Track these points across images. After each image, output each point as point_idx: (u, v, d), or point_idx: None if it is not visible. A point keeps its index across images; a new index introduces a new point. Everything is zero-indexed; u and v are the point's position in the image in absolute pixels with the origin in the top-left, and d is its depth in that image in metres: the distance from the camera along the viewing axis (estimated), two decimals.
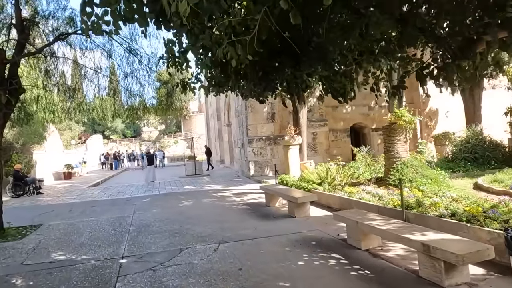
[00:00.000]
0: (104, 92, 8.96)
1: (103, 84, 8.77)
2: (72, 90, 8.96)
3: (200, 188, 12.89)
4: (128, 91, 8.98)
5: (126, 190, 13.90)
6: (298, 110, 10.55)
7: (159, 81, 30.57)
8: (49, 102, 9.08)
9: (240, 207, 8.51)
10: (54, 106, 9.25)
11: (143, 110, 10.41)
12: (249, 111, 15.56)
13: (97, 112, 9.88)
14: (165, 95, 11.47)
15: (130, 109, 9.62)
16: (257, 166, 15.38)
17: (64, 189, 16.47)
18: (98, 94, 8.64)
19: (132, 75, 8.68)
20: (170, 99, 11.90)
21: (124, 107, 9.62)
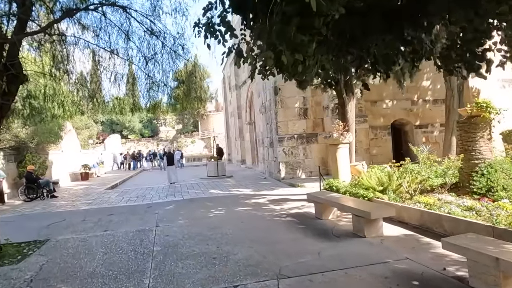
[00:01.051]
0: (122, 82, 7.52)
1: (120, 71, 7.33)
2: (84, 79, 7.57)
3: (228, 193, 11.38)
4: (150, 79, 7.53)
5: (145, 194, 12.53)
6: (345, 102, 8.90)
7: (177, 80, 29.56)
8: (57, 93, 7.73)
9: (285, 220, 6.94)
10: (64, 98, 7.90)
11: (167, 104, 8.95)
12: (279, 107, 13.98)
13: (114, 106, 8.47)
14: (186, 84, 10.01)
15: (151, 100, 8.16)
16: (288, 167, 13.79)
17: (80, 191, 15.27)
18: (114, 84, 7.21)
19: (154, 61, 7.23)
20: (192, 86, 10.42)
21: (145, 98, 8.18)
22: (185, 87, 9.45)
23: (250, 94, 25.20)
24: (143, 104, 8.44)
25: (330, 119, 13.55)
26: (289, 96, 14.05)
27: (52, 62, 6.78)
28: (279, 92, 13.95)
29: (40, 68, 7.09)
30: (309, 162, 13.97)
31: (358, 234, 5.43)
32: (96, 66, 7.52)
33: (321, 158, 14.09)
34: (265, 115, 15.77)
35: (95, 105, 7.91)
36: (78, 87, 7.63)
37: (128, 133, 69.17)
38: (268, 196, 10.05)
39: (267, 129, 15.64)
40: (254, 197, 10.03)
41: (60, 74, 7.00)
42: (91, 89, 7.72)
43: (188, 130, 69.41)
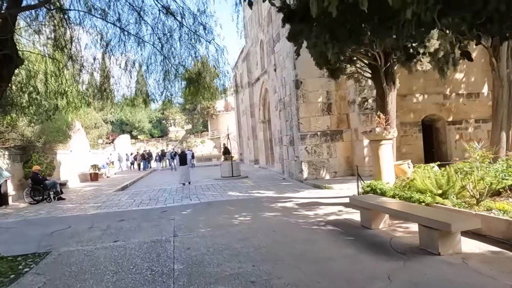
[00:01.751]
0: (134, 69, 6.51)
1: (131, 57, 6.32)
2: (91, 66, 6.59)
3: (249, 196, 10.32)
4: (166, 64, 6.49)
5: (158, 197, 11.54)
6: (385, 93, 7.77)
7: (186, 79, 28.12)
8: (60, 81, 6.74)
9: (325, 229, 5.85)
10: (68, 88, 6.93)
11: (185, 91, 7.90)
12: (301, 102, 12.88)
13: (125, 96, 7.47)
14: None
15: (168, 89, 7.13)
16: (311, 167, 12.68)
17: (89, 193, 14.37)
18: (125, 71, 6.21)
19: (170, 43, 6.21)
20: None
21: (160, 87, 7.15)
22: (205, 74, 8.32)
23: (264, 91, 24.15)
24: (157, 96, 7.37)
25: (357, 115, 12.42)
26: (312, 90, 12.95)
27: (53, 46, 5.80)
28: (301, 86, 12.86)
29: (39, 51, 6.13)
30: (334, 161, 12.84)
31: (428, 250, 4.31)
32: (104, 50, 6.51)
33: (347, 157, 12.95)
34: (284, 111, 14.68)
35: (103, 96, 6.92)
36: (83, 74, 6.65)
37: (137, 133, 68.74)
38: (294, 200, 8.97)
39: (286, 127, 14.55)
40: (279, 201, 8.95)
41: (63, 59, 6.02)
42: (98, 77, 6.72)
43: (197, 130, 68.65)
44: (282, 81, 14.61)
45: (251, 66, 27.23)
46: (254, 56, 25.99)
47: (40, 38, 6.05)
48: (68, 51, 5.89)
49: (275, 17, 15.20)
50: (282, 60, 14.30)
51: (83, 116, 18.85)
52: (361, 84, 10.92)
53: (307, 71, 12.89)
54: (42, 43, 6.14)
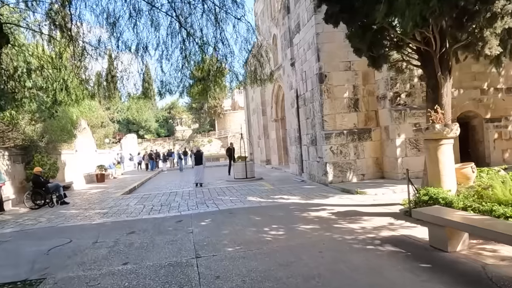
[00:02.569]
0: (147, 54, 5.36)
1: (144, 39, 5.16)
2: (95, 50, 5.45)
3: (272, 202, 9.16)
4: (192, 38, 5.30)
5: (170, 202, 10.43)
6: (440, 83, 6.55)
7: (194, 77, 26.92)
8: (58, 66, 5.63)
9: (385, 250, 4.67)
10: (68, 77, 5.81)
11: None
12: (325, 97, 11.68)
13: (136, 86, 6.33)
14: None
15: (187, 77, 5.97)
16: (337, 169, 11.48)
17: (95, 196, 13.31)
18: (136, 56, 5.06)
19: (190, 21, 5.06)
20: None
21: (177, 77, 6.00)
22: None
23: (276, 88, 22.97)
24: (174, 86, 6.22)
25: (388, 112, 11.20)
26: (337, 85, 11.75)
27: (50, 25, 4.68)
28: (326, 79, 11.66)
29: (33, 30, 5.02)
30: (361, 163, 11.63)
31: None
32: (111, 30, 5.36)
33: (375, 158, 11.74)
34: (304, 108, 13.50)
35: (109, 86, 5.80)
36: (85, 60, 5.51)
37: (144, 133, 68.00)
38: (327, 207, 7.79)
39: (306, 125, 13.37)
40: (310, 209, 7.78)
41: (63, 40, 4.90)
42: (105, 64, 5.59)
43: (204, 129, 67.68)
44: (302, 76, 13.43)
45: (263, 62, 25.98)
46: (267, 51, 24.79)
47: (35, 16, 4.97)
48: (68, 32, 4.78)
49: (295, 7, 14.03)
50: (303, 53, 13.12)
51: (87, 114, 17.83)
52: (404, 74, 9.66)
53: (331, 64, 11.71)
54: (38, 21, 5.05)
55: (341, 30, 12.03)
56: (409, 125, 10.93)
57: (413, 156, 10.88)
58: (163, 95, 6.97)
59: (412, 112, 10.97)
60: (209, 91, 8.71)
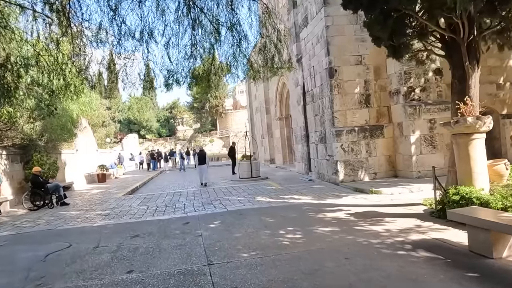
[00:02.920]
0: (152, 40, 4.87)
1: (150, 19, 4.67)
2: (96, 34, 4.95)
3: (283, 202, 8.66)
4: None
5: (175, 202, 9.95)
6: (467, 74, 6.06)
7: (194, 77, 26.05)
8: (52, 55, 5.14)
9: (419, 256, 4.17)
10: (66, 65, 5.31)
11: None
12: (336, 93, 11.18)
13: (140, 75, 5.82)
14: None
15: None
16: (348, 167, 10.98)
17: (96, 197, 12.83)
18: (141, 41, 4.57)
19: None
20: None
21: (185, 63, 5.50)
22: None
23: (281, 86, 22.49)
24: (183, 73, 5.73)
25: (401, 107, 10.70)
26: (348, 80, 11.25)
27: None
28: (336, 74, 11.17)
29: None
30: (373, 161, 11.13)
31: None
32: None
33: (388, 156, 11.24)
34: (313, 105, 13.00)
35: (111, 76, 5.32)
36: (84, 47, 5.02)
37: (145, 133, 67.61)
38: (344, 208, 7.30)
39: (315, 122, 12.88)
40: (325, 209, 7.29)
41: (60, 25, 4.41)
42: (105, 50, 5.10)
43: (206, 129, 67.25)
44: (310, 71, 12.93)
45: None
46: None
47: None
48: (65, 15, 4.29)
49: (301, 0, 13.54)
50: (311, 47, 12.62)
51: (88, 112, 17.35)
52: (425, 65, 9.17)
53: (342, 58, 11.22)
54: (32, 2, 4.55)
55: (350, 23, 11.63)
56: (424, 121, 10.44)
57: (428, 153, 10.38)
58: (169, 86, 6.45)
59: (427, 108, 10.47)
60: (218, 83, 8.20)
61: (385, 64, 11.37)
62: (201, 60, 5.59)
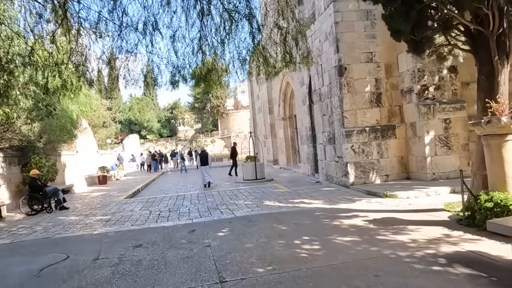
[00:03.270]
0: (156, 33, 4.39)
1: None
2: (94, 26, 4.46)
3: (293, 207, 8.19)
4: None
5: (178, 206, 9.49)
6: (497, 70, 5.59)
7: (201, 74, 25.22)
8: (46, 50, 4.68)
9: (459, 273, 3.69)
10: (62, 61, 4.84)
11: None
12: (345, 91, 10.71)
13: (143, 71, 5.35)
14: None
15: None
16: (359, 169, 10.51)
17: (96, 200, 12.38)
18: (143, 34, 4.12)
19: None
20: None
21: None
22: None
23: (284, 85, 22.03)
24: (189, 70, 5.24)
25: (415, 106, 10.23)
26: (358, 78, 10.78)
27: None
28: (345, 72, 10.69)
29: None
30: (385, 162, 10.66)
31: None
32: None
33: (400, 157, 10.76)
34: (320, 104, 12.53)
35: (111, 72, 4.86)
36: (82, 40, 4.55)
37: (146, 133, 67.18)
38: (360, 214, 6.82)
39: (323, 122, 12.41)
40: (339, 215, 6.82)
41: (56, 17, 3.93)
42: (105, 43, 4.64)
43: (207, 129, 66.78)
44: (318, 69, 12.46)
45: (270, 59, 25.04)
46: (272, 47, 23.81)
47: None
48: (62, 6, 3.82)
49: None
50: (318, 44, 12.15)
51: (88, 113, 16.90)
52: (447, 61, 8.67)
53: (352, 55, 10.75)
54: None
55: (360, 19, 11.16)
56: (439, 121, 9.96)
57: (443, 154, 9.91)
58: (175, 83, 5.96)
59: (441, 107, 9.99)
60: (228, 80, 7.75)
61: (396, 62, 10.90)
62: (210, 55, 5.11)
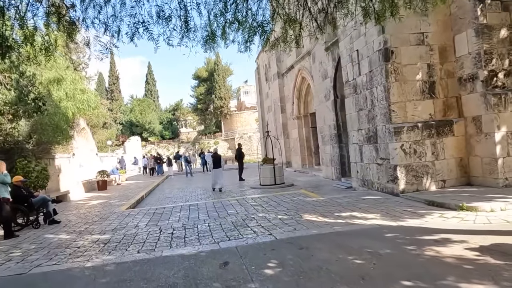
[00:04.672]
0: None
1: None
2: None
3: (346, 223, 6.26)
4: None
5: (194, 220, 7.59)
6: None
7: (198, 78, 23.14)
8: None
9: None
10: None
11: None
12: (393, 80, 8.83)
13: None
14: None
15: None
16: (410, 174, 8.62)
17: (94, 210, 10.49)
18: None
19: None
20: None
21: None
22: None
23: (299, 81, 20.16)
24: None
25: (480, 97, 8.34)
26: (407, 64, 8.91)
27: None
28: (392, 57, 8.82)
29: None
30: (441, 165, 8.77)
31: None
32: None
33: (459, 159, 8.88)
34: (355, 97, 10.65)
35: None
36: None
37: (148, 135, 65.36)
38: (449, 236, 4.93)
39: (359, 118, 10.52)
40: (422, 238, 4.92)
41: None
42: None
43: (210, 130, 64.92)
44: (352, 56, 10.59)
45: (281, 54, 23.24)
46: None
47: None
48: None
49: None
50: (354, 26, 10.28)
51: (86, 111, 15.04)
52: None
53: (399, 37, 8.88)
54: None
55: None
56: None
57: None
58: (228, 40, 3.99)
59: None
60: None
61: (452, 44, 9.03)
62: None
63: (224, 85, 60.09)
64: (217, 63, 59.62)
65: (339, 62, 13.22)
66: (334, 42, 13.06)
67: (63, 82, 13.15)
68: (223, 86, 59.68)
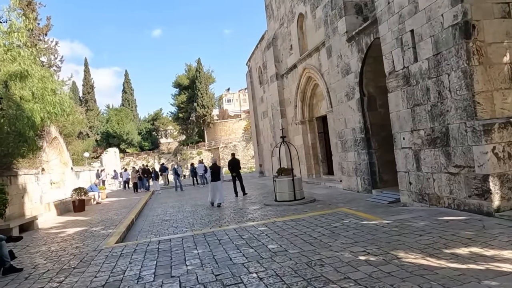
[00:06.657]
0: None
1: None
2: None
3: (486, 270, 3.92)
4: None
5: (224, 261, 5.01)
6: None
7: (179, 85, 20.55)
8: None
9: None
10: None
11: None
12: (475, 63, 6.68)
13: None
14: None
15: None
16: (505, 185, 6.44)
17: (71, 247, 7.64)
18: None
19: None
20: None
21: None
22: None
23: (304, 82, 17.99)
24: None
25: None
26: (492, 42, 6.81)
27: None
28: (474, 33, 6.69)
29: None
30: None
31: None
32: None
33: None
34: (409, 89, 8.45)
35: None
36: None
37: (126, 147, 61.39)
38: None
39: (414, 115, 8.32)
40: None
41: None
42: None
43: (192, 140, 61.80)
44: (403, 39, 8.43)
45: (280, 54, 21.11)
46: (286, 39, 19.87)
47: None
48: None
49: None
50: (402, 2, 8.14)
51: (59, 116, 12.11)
52: None
53: (481, 7, 6.78)
54: None
55: None
56: None
57: None
58: None
59: None
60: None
61: None
62: None
63: (206, 92, 57.42)
64: (199, 69, 57.03)
65: (367, 53, 11.13)
66: (362, 29, 10.95)
67: (28, 79, 10.27)
68: (205, 93, 56.99)
